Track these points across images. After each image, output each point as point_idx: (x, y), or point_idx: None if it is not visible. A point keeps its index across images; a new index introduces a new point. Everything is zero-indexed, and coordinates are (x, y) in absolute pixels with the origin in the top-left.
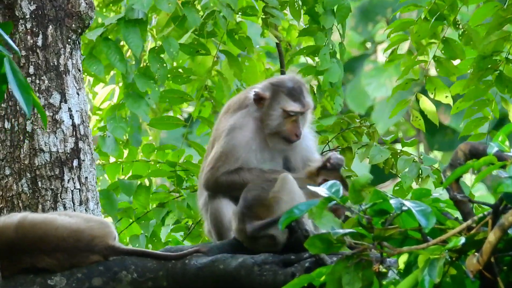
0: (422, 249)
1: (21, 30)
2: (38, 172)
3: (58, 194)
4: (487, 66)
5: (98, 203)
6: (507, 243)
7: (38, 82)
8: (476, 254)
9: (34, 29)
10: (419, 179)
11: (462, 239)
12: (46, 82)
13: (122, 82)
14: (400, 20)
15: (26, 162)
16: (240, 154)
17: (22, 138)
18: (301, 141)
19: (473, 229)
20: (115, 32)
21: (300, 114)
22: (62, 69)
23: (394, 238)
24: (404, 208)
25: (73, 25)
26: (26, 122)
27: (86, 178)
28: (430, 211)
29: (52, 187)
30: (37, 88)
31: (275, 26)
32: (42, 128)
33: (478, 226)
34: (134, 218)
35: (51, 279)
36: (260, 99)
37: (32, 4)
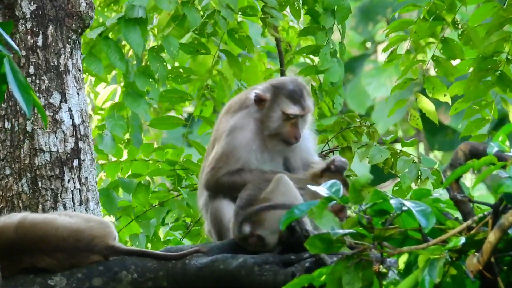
0: (422, 249)
1: (21, 30)
2: (38, 172)
3: (58, 194)
4: (488, 66)
5: (98, 203)
6: (507, 243)
7: (38, 82)
8: (476, 254)
9: (34, 29)
10: (418, 181)
11: (462, 239)
12: (46, 82)
13: (123, 82)
14: (399, 20)
15: (26, 162)
16: (240, 154)
17: (22, 138)
18: (300, 142)
19: (473, 229)
20: (117, 32)
21: (300, 117)
22: (62, 69)
23: (394, 238)
24: (404, 208)
25: (73, 25)
26: (26, 122)
27: (86, 178)
28: (430, 211)
29: (52, 187)
30: (37, 88)
31: (274, 26)
32: (42, 128)
33: (478, 226)
34: (133, 216)
35: (51, 279)
36: (260, 101)
37: (32, 4)
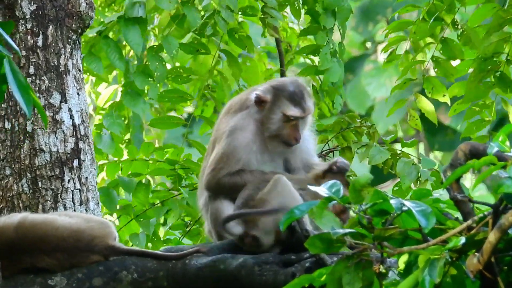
0: (423, 249)
1: (21, 30)
2: (38, 172)
3: (59, 194)
4: (488, 67)
5: (98, 203)
6: (508, 243)
7: (38, 82)
8: (476, 254)
9: (35, 29)
10: (418, 182)
11: (462, 239)
12: (47, 82)
13: (123, 81)
14: (398, 20)
15: (26, 162)
16: (241, 155)
17: (22, 138)
18: (301, 143)
19: (473, 229)
20: (117, 33)
21: (300, 118)
22: (63, 69)
23: (394, 238)
24: (404, 208)
25: (73, 25)
26: (27, 122)
27: (87, 178)
28: (430, 211)
29: (52, 187)
30: (37, 88)
31: (274, 26)
32: (43, 128)
33: (479, 226)
34: (133, 215)
35: (52, 279)
36: (261, 102)
37: (32, 4)
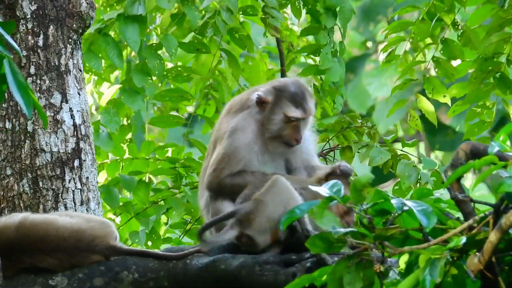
0: (423, 248)
1: (22, 30)
2: (39, 172)
3: (59, 194)
4: (489, 68)
5: (99, 203)
6: (508, 243)
7: (39, 82)
8: (477, 253)
9: (35, 29)
10: (418, 184)
11: (463, 239)
12: (47, 82)
13: (123, 78)
14: (397, 21)
15: (27, 162)
16: (242, 155)
17: (23, 138)
18: (301, 144)
19: (474, 229)
20: (119, 33)
21: (301, 119)
22: (63, 69)
23: (395, 237)
24: (405, 208)
25: (74, 25)
26: (27, 122)
27: (87, 178)
28: (431, 211)
29: (53, 187)
30: (38, 88)
31: (275, 26)
32: (43, 128)
33: (479, 226)
34: (133, 213)
35: (52, 279)
36: (262, 102)
37: (33, 4)
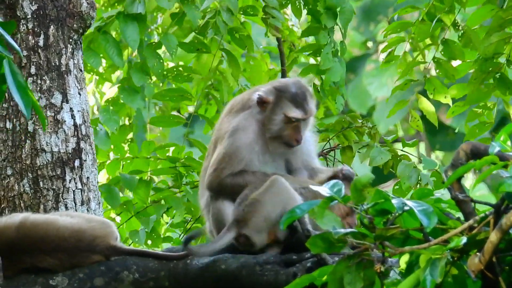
0: (424, 249)
1: (22, 30)
2: (39, 172)
3: (60, 194)
4: (489, 68)
5: (99, 203)
6: (509, 243)
7: (39, 82)
8: (477, 254)
9: (36, 29)
10: (418, 185)
11: (463, 239)
12: (48, 82)
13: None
14: (397, 21)
15: (27, 162)
16: (243, 155)
17: (23, 138)
18: (302, 145)
19: (474, 229)
20: (119, 34)
21: (302, 120)
22: (64, 69)
23: (395, 237)
24: (406, 207)
25: (74, 25)
26: (28, 122)
27: (88, 178)
28: (432, 211)
29: (53, 187)
30: (38, 88)
31: (275, 27)
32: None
33: (480, 226)
34: (133, 212)
35: (53, 279)
36: (263, 103)
37: (33, 4)
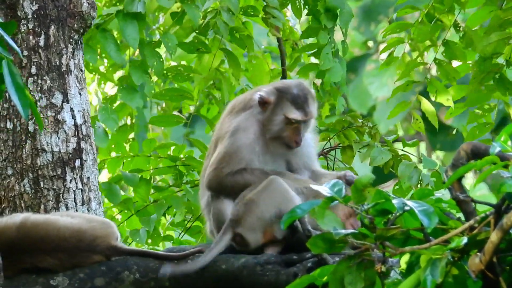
0: (424, 249)
1: (23, 30)
2: (40, 172)
3: (60, 194)
4: (488, 69)
5: (100, 203)
6: (510, 243)
7: (40, 82)
8: (478, 254)
9: (36, 29)
10: (418, 186)
11: (464, 239)
12: (48, 82)
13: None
14: (396, 22)
15: (28, 162)
16: (243, 155)
17: (24, 138)
18: (302, 147)
19: (475, 229)
20: (119, 34)
21: (302, 122)
22: (64, 69)
23: (396, 238)
24: (406, 208)
25: (75, 25)
26: (28, 122)
27: (88, 178)
28: (432, 211)
29: (54, 187)
30: (39, 88)
31: (276, 27)
32: (44, 128)
33: (481, 226)
34: (133, 211)
35: (54, 279)
36: (264, 103)
37: (34, 4)
